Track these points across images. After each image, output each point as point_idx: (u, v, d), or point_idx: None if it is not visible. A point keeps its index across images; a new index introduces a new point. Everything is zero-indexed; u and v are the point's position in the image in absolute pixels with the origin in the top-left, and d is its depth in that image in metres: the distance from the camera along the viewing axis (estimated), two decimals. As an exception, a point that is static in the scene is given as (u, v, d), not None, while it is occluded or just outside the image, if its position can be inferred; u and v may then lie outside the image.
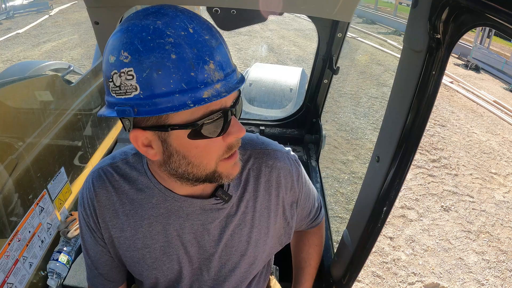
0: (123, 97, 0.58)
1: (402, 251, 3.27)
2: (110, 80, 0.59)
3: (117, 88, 0.59)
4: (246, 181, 0.84)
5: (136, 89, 0.57)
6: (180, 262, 0.84)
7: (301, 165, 0.94)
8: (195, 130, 0.61)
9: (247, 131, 0.89)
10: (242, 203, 0.83)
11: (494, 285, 3.02)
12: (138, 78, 0.56)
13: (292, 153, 0.92)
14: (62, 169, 1.50)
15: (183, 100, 0.56)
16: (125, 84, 0.57)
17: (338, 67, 1.77)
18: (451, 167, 4.67)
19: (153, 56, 0.55)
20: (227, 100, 0.63)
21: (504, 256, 3.33)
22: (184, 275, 0.86)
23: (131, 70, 0.56)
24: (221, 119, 0.62)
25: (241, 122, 0.75)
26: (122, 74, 0.57)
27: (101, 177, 0.81)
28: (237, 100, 0.65)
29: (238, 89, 0.63)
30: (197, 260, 0.85)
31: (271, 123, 2.23)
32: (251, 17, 1.49)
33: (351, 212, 1.14)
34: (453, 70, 9.17)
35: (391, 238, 3.40)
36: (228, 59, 0.62)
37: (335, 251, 1.23)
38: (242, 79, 0.64)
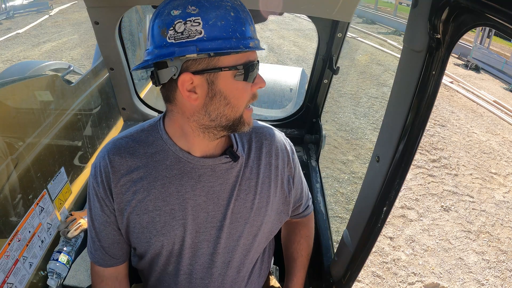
0: (184, 40, 0.72)
1: (402, 251, 3.27)
2: (171, 28, 0.72)
3: (179, 34, 0.72)
4: (249, 150, 0.94)
5: (200, 33, 0.71)
6: (188, 229, 0.87)
7: (295, 150, 1.06)
8: (240, 72, 0.77)
9: None
10: (247, 169, 0.92)
11: (494, 285, 3.02)
12: (204, 25, 0.71)
13: (286, 136, 1.06)
14: (62, 169, 1.50)
15: (237, 44, 0.73)
16: (190, 29, 0.71)
17: (338, 67, 1.76)
18: (451, 167, 4.67)
19: (218, 11, 0.72)
20: (256, 57, 0.81)
21: (504, 256, 3.33)
22: (190, 245, 0.88)
23: (198, 19, 0.71)
24: (254, 67, 0.79)
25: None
26: (188, 22, 0.71)
27: (115, 146, 0.87)
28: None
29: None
30: (206, 229, 0.88)
31: (271, 123, 2.23)
32: (251, 17, 1.49)
33: (351, 212, 1.14)
34: (453, 70, 9.18)
35: (391, 238, 3.40)
36: (255, 30, 0.81)
37: (335, 251, 1.23)
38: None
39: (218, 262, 0.91)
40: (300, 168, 1.08)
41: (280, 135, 1.02)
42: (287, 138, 1.05)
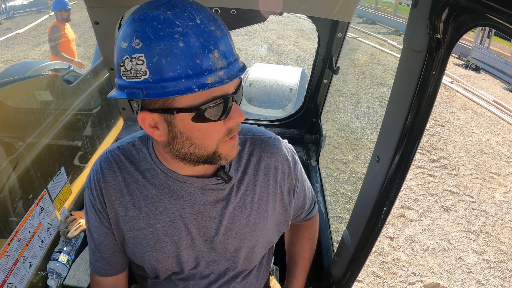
0: (133, 80, 0.63)
1: (402, 251, 3.27)
2: (122, 64, 0.64)
3: (128, 72, 0.63)
4: (247, 165, 0.88)
5: (145, 73, 0.61)
6: (181, 244, 0.86)
7: (297, 155, 0.99)
8: (198, 114, 0.66)
9: None
10: (242, 185, 0.87)
11: (494, 285, 3.02)
12: (148, 64, 0.61)
13: (288, 144, 0.98)
14: (62, 169, 1.50)
15: (189, 84, 0.61)
16: (136, 69, 0.62)
17: (338, 67, 1.77)
18: (451, 167, 4.67)
19: (162, 44, 0.60)
20: (229, 87, 0.68)
21: (504, 256, 3.33)
22: (185, 258, 0.88)
23: (142, 56, 0.61)
24: (222, 104, 0.67)
25: (241, 122, 0.78)
26: (134, 59, 0.62)
27: (108, 159, 0.85)
28: (238, 88, 0.70)
29: (239, 77, 0.67)
30: (200, 243, 0.87)
31: (271, 123, 2.23)
32: (251, 17, 1.49)
33: (351, 212, 1.14)
34: (453, 70, 9.17)
35: (391, 238, 3.40)
36: (231, 49, 0.66)
37: (335, 251, 1.23)
38: (243, 68, 0.69)
39: (215, 270, 0.92)
40: (303, 175, 1.02)
41: (281, 145, 0.94)
42: (289, 146, 0.98)
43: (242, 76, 0.70)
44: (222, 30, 0.65)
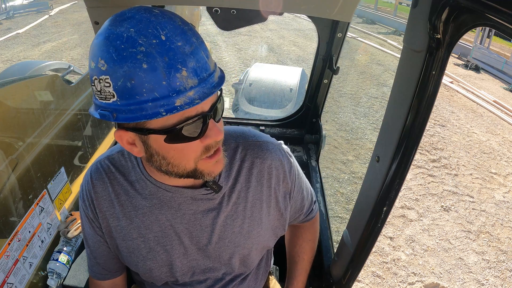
0: (104, 101, 0.61)
1: (402, 251, 3.27)
2: (93, 84, 0.62)
3: (99, 93, 0.61)
4: (238, 172, 0.86)
5: (113, 96, 0.59)
6: (174, 253, 0.86)
7: (294, 157, 0.95)
8: (171, 135, 0.63)
9: None
10: (234, 193, 0.85)
11: (494, 285, 3.02)
12: (114, 86, 0.58)
13: (284, 146, 0.94)
14: (62, 169, 1.50)
15: (156, 108, 0.58)
16: (104, 90, 0.59)
17: (338, 67, 1.77)
18: (451, 167, 4.67)
19: (125, 66, 0.56)
20: (204, 105, 0.64)
21: (504, 256, 3.33)
22: (179, 267, 0.88)
23: (108, 78, 0.58)
24: (197, 124, 0.64)
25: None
26: (101, 81, 0.59)
27: (98, 170, 0.85)
28: (217, 101, 0.67)
29: (214, 93, 0.63)
30: (193, 252, 0.87)
31: (271, 123, 2.23)
32: (251, 17, 1.49)
33: (351, 212, 1.14)
34: (453, 70, 9.17)
35: (391, 238, 3.40)
36: (204, 63, 0.61)
37: (335, 251, 1.23)
38: (220, 81, 0.65)
39: (212, 276, 0.92)
40: (301, 176, 0.99)
41: (275, 149, 0.89)
42: (285, 149, 0.93)
43: (223, 87, 0.67)
44: (191, 44, 0.60)
